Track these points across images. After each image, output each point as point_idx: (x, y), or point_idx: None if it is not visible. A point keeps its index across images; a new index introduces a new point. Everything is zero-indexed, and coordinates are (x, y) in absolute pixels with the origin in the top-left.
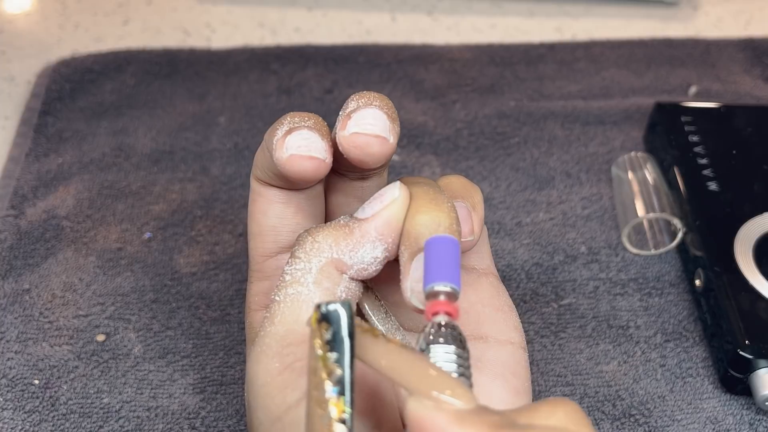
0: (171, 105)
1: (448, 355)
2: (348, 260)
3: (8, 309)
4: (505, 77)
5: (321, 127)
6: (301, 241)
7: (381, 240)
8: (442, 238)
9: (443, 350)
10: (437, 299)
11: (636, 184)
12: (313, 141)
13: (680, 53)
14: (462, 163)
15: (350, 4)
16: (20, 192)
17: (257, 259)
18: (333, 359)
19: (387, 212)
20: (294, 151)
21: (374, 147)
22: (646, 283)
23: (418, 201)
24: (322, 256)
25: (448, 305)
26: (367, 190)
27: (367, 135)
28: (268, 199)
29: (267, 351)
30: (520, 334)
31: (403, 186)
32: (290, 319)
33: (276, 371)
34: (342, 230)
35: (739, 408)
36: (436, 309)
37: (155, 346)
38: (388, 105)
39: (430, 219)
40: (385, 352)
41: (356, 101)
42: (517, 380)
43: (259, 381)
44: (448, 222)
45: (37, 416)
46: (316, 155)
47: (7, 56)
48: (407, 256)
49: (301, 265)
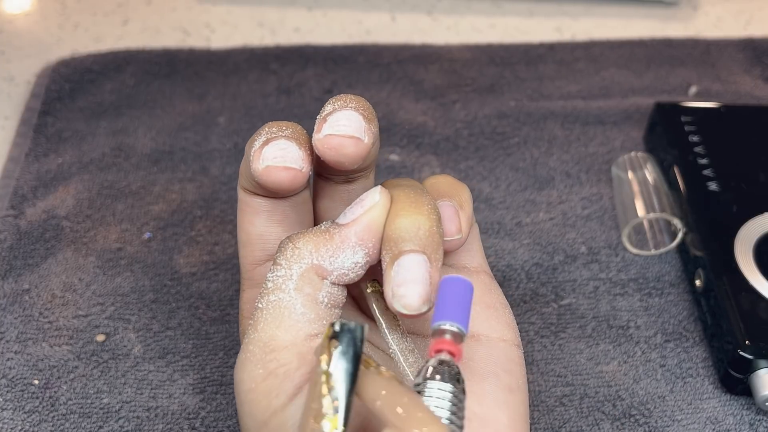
0: (170, 105)
1: (442, 392)
2: (328, 266)
3: (8, 309)
4: (504, 77)
5: (299, 135)
6: (282, 248)
7: (361, 245)
8: (457, 279)
9: (438, 387)
10: (443, 338)
11: (636, 184)
12: (290, 151)
13: (680, 53)
14: (462, 163)
15: (350, 4)
16: (20, 192)
17: (247, 267)
18: (337, 377)
19: (367, 217)
20: (270, 162)
21: (348, 148)
22: (646, 283)
23: (397, 204)
24: (303, 263)
25: (453, 345)
26: (353, 193)
27: (340, 136)
28: (254, 208)
29: (251, 358)
30: (514, 332)
31: (384, 190)
32: (272, 325)
33: (260, 377)
34: (322, 236)
35: (739, 408)
36: (439, 347)
37: (155, 346)
38: (365, 106)
39: (409, 222)
40: (374, 383)
41: (332, 104)
42: (510, 377)
43: (245, 387)
44: (428, 225)
45: (36, 416)
46: (292, 165)
47: (7, 56)
48: (388, 260)
49: (282, 272)
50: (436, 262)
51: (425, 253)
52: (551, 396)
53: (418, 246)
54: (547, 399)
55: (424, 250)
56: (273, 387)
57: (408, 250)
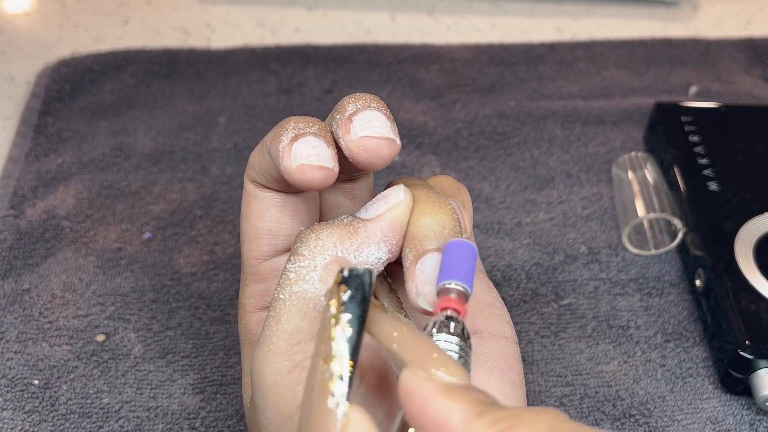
0: (171, 105)
1: (449, 344)
2: (352, 259)
3: (8, 309)
4: (505, 77)
5: (326, 133)
6: (304, 238)
7: (385, 242)
8: (462, 243)
9: (445, 338)
10: (448, 296)
11: (636, 184)
12: (321, 149)
13: (680, 53)
14: (462, 163)
15: (350, 4)
16: (20, 192)
17: (252, 262)
18: (345, 320)
19: (392, 214)
20: (303, 161)
21: (384, 149)
22: (646, 283)
23: (421, 203)
24: (327, 254)
25: (458, 303)
26: (356, 190)
27: (377, 138)
28: (264, 202)
29: (275, 350)
30: (512, 329)
31: (407, 189)
32: (297, 317)
33: (286, 369)
34: (346, 229)
35: (739, 408)
36: (445, 305)
37: (155, 346)
38: (384, 106)
39: (434, 221)
40: (391, 327)
41: (353, 104)
42: (512, 373)
43: (268, 380)
44: (452, 224)
45: (36, 416)
46: (326, 165)
47: (7, 56)
48: (412, 258)
49: (306, 262)
50: None
51: None
52: (551, 396)
53: (443, 245)
54: (547, 399)
55: None
56: (300, 379)
57: (433, 249)
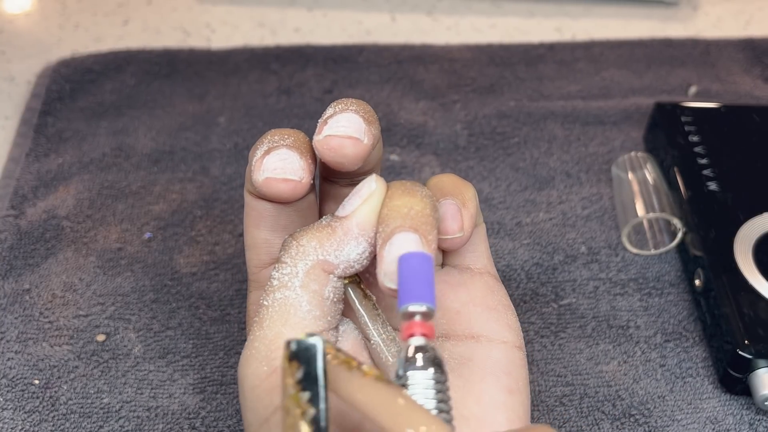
0: (171, 105)
1: (426, 381)
2: (334, 260)
3: (8, 309)
4: (505, 77)
5: (301, 144)
6: (286, 246)
7: (363, 236)
8: (413, 254)
9: (422, 376)
10: (413, 320)
11: (636, 184)
12: (290, 161)
13: (680, 53)
14: (462, 163)
15: (350, 4)
16: (20, 192)
17: (253, 270)
18: (306, 399)
19: (366, 206)
20: (269, 174)
21: (347, 148)
22: (646, 283)
23: (392, 190)
24: (308, 259)
25: (424, 326)
26: None
27: (340, 137)
28: (259, 212)
29: (256, 354)
30: (515, 333)
31: (380, 178)
32: (279, 323)
33: (264, 374)
34: (325, 230)
35: (738, 408)
36: (411, 331)
37: (155, 346)
38: (365, 109)
39: (401, 203)
40: (360, 386)
41: (333, 107)
42: (510, 379)
43: (248, 384)
44: (420, 206)
45: (37, 416)
46: (291, 177)
47: (7, 56)
48: (380, 242)
49: (288, 269)
50: (429, 243)
51: (417, 232)
52: (551, 396)
53: (409, 225)
54: (547, 399)
55: (416, 229)
56: (277, 384)
57: (398, 227)
